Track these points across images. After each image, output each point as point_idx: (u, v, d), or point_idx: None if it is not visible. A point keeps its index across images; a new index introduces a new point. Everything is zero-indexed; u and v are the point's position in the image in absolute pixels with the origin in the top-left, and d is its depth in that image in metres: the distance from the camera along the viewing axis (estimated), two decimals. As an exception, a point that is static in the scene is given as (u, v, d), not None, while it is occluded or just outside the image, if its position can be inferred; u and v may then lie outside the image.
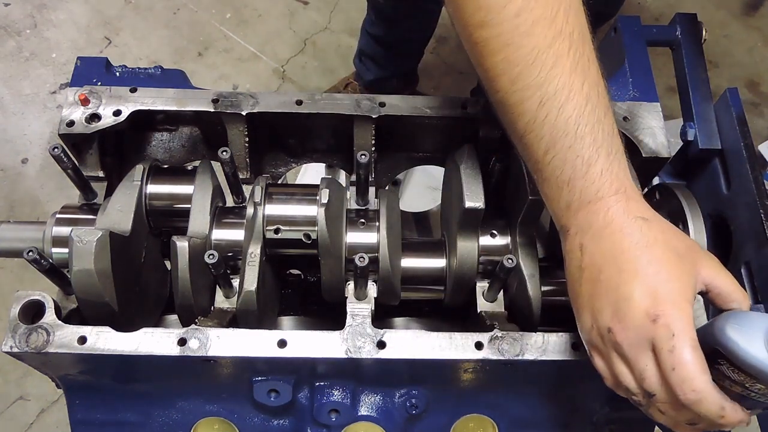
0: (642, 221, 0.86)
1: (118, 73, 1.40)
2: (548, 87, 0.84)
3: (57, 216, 1.23)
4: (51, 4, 3.35)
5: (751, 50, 3.44)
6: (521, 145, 0.92)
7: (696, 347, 0.83)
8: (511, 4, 0.83)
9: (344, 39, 3.33)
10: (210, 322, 1.14)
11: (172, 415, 1.23)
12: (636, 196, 0.89)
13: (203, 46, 3.29)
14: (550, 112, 0.85)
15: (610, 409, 1.25)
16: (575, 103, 0.84)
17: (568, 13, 0.86)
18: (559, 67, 0.84)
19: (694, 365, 0.82)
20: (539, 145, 0.88)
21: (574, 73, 0.84)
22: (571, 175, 0.86)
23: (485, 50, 0.88)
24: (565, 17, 0.85)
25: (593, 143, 0.85)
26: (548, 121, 0.85)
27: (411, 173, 2.14)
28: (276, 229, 1.19)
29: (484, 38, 0.87)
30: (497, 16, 0.84)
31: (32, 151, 2.97)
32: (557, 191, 0.89)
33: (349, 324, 1.09)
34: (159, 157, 1.43)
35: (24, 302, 1.06)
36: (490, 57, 0.88)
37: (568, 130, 0.85)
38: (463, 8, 0.88)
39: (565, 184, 0.87)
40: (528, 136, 0.89)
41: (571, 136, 0.85)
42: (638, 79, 1.43)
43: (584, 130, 0.84)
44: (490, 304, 1.22)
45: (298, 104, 1.30)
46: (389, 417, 1.19)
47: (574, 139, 0.85)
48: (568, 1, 0.86)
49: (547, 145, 0.87)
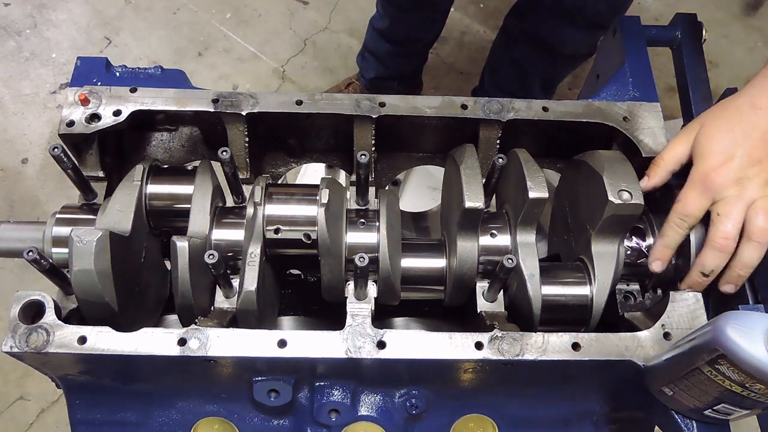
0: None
1: (118, 73, 1.40)
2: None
3: (57, 216, 1.23)
4: (51, 4, 3.35)
5: (751, 50, 3.44)
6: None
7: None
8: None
9: (344, 39, 3.33)
10: (210, 322, 1.14)
11: (172, 415, 1.23)
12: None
13: (203, 46, 3.29)
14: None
15: (611, 410, 1.25)
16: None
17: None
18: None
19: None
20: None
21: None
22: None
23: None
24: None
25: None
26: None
27: (411, 173, 2.14)
28: (276, 229, 1.19)
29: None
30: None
31: (32, 151, 2.97)
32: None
33: (349, 324, 1.09)
34: (159, 157, 1.43)
35: (24, 302, 1.06)
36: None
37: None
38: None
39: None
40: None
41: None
42: (638, 79, 1.43)
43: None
44: (490, 304, 1.22)
45: (298, 104, 1.30)
46: (389, 417, 1.19)
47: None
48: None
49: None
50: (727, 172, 1.12)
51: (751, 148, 1.11)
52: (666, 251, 1.19)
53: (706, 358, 0.93)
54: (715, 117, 1.18)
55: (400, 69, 2.77)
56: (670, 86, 2.84)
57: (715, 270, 1.13)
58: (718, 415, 1.03)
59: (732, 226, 1.11)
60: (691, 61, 1.55)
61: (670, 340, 1.08)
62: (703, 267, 1.13)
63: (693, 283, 1.16)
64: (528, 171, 1.16)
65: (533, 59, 2.34)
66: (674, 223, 1.17)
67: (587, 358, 1.06)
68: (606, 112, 1.33)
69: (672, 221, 1.17)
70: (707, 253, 1.13)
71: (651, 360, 1.06)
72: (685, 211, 1.15)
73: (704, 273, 1.14)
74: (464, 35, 3.33)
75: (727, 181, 1.12)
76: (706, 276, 1.14)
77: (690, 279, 1.16)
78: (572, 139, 1.37)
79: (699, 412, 1.05)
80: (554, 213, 1.42)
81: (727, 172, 1.12)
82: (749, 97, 1.15)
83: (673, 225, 1.17)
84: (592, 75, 1.71)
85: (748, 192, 1.11)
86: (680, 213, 1.16)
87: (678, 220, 1.16)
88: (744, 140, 1.12)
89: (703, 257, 1.14)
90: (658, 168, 1.22)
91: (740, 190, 1.11)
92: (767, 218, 1.09)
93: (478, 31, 3.35)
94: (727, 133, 1.14)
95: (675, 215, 1.17)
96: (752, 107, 1.14)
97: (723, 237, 1.11)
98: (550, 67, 2.38)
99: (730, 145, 1.13)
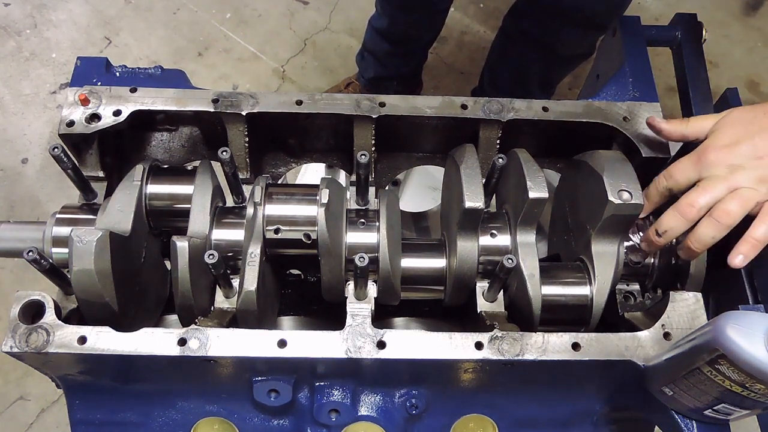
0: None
1: (118, 73, 1.40)
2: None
3: (57, 216, 1.23)
4: (51, 4, 3.35)
5: (751, 50, 3.44)
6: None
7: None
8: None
9: (344, 39, 3.33)
10: (210, 322, 1.14)
11: (172, 415, 1.23)
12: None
13: (203, 46, 3.29)
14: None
15: (611, 410, 1.25)
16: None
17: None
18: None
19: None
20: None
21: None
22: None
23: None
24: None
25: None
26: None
27: (411, 173, 2.14)
28: (276, 229, 1.19)
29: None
30: None
31: (32, 151, 2.97)
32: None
33: (349, 324, 1.09)
34: (159, 157, 1.43)
35: (24, 302, 1.06)
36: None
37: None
38: None
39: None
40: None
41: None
42: (638, 79, 1.43)
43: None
44: (490, 304, 1.22)
45: (298, 104, 1.30)
46: (389, 417, 1.19)
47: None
48: None
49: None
50: (725, 155, 1.13)
51: (760, 143, 1.12)
52: (645, 206, 1.20)
53: (706, 358, 0.93)
54: (743, 110, 1.19)
55: (399, 69, 2.77)
56: (670, 86, 2.83)
57: (668, 232, 1.15)
58: (718, 415, 1.03)
59: (703, 199, 1.12)
60: (691, 61, 1.55)
61: (670, 340, 1.08)
62: (659, 224, 1.16)
63: (647, 239, 1.20)
64: (528, 171, 1.16)
65: (532, 59, 2.34)
66: (657, 180, 1.20)
67: (587, 358, 1.06)
68: (606, 112, 1.33)
69: (656, 178, 1.20)
70: (668, 213, 1.15)
71: (651, 360, 1.06)
72: (670, 171, 1.18)
73: (658, 231, 1.16)
74: (464, 35, 3.33)
75: (720, 162, 1.13)
76: (659, 236, 1.16)
77: (646, 235, 1.21)
78: (572, 139, 1.37)
79: (699, 412, 1.05)
80: (554, 213, 1.42)
81: (726, 155, 1.13)
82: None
83: (655, 181, 1.20)
84: (592, 75, 1.71)
85: (736, 178, 1.11)
86: (666, 172, 1.18)
87: (662, 177, 1.19)
88: (756, 134, 1.13)
89: (663, 216, 1.16)
90: (681, 124, 1.24)
91: (729, 173, 1.12)
92: (740, 205, 1.10)
93: (478, 31, 3.35)
94: (745, 125, 1.15)
95: (661, 174, 1.19)
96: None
97: (689, 203, 1.12)
98: (549, 67, 2.38)
99: (742, 134, 1.14)
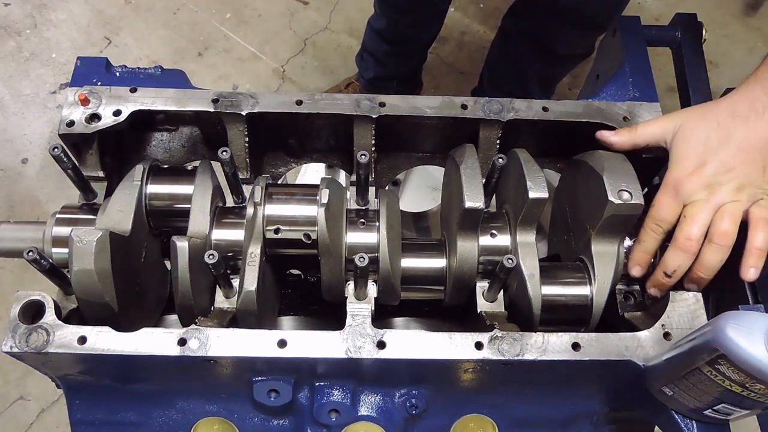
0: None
1: (118, 73, 1.40)
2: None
3: (57, 216, 1.23)
4: (51, 4, 3.35)
5: (751, 50, 3.44)
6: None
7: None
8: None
9: (344, 39, 3.33)
10: (210, 322, 1.14)
11: (172, 415, 1.23)
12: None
13: (203, 46, 3.29)
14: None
15: (611, 410, 1.25)
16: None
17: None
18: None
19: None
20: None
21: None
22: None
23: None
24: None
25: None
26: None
27: (411, 173, 2.14)
28: (276, 229, 1.19)
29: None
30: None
31: (32, 151, 2.97)
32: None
33: (349, 324, 1.09)
34: (159, 157, 1.43)
35: (24, 302, 1.06)
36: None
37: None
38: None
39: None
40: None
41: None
42: (638, 79, 1.43)
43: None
44: (490, 304, 1.22)
45: (298, 104, 1.30)
46: (389, 417, 1.19)
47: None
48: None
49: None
50: (698, 179, 1.13)
51: (725, 156, 1.12)
52: (644, 256, 1.20)
53: (706, 358, 0.93)
54: (694, 119, 1.18)
55: (398, 69, 2.77)
56: (670, 86, 2.84)
57: (677, 270, 1.14)
58: (718, 415, 1.03)
59: (696, 228, 1.11)
60: (691, 61, 1.55)
61: (670, 340, 1.08)
62: (665, 267, 1.15)
63: (657, 283, 1.18)
64: (528, 171, 1.16)
65: (531, 59, 2.34)
66: (650, 228, 1.18)
67: (587, 358, 1.06)
68: (606, 112, 1.33)
69: (647, 226, 1.18)
70: (670, 253, 1.14)
71: (651, 360, 1.06)
72: (659, 216, 1.17)
73: (667, 273, 1.15)
74: (464, 35, 3.33)
75: (697, 187, 1.13)
76: (669, 276, 1.15)
77: (654, 278, 1.18)
78: (572, 139, 1.37)
79: (699, 412, 1.05)
80: (554, 213, 1.42)
81: (699, 178, 1.13)
82: (731, 103, 1.16)
83: (648, 230, 1.18)
84: (592, 75, 1.71)
85: (717, 196, 1.11)
86: (654, 218, 1.17)
87: (653, 225, 1.17)
88: (719, 148, 1.13)
89: (666, 257, 1.15)
90: (629, 134, 1.25)
91: (709, 194, 1.12)
92: (731, 221, 1.10)
93: (478, 31, 3.35)
94: (703, 139, 1.15)
95: (650, 220, 1.18)
96: (731, 115, 1.14)
97: (686, 238, 1.12)
98: (548, 67, 2.38)
99: (705, 152, 1.14)
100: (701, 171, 1.13)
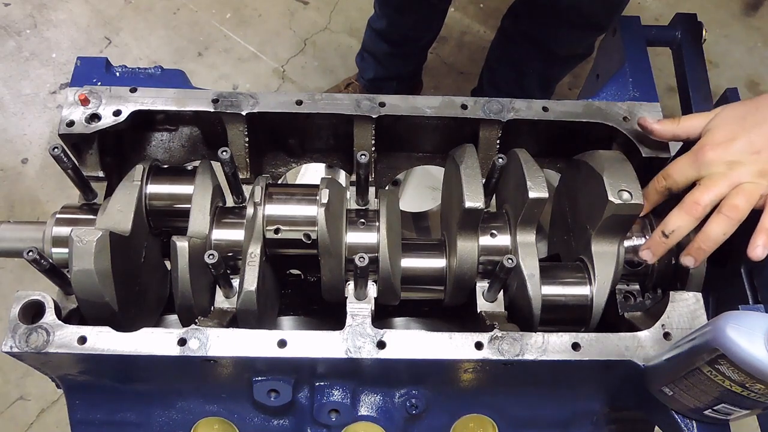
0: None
1: (118, 73, 1.40)
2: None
3: (57, 216, 1.23)
4: (51, 4, 3.35)
5: (751, 50, 3.44)
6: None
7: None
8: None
9: (344, 39, 3.33)
10: (210, 322, 1.14)
11: (172, 415, 1.23)
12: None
13: (203, 46, 3.29)
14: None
15: (611, 410, 1.25)
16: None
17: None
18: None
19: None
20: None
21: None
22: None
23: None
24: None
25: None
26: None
27: (411, 173, 2.14)
28: (276, 229, 1.19)
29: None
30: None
31: (32, 151, 2.97)
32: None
33: (349, 324, 1.09)
34: (159, 157, 1.43)
35: (24, 302, 1.06)
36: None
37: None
38: None
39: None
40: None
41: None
42: (638, 79, 1.43)
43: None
44: (490, 304, 1.22)
45: (298, 104, 1.30)
46: (389, 417, 1.19)
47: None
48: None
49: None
50: (723, 152, 1.12)
51: (755, 137, 1.12)
52: (645, 206, 1.18)
53: (706, 358, 0.93)
54: (735, 106, 1.19)
55: (398, 69, 2.77)
56: (670, 86, 2.84)
57: (676, 231, 1.13)
58: (718, 415, 1.03)
59: (708, 196, 1.11)
60: (691, 61, 1.55)
61: (670, 340, 1.08)
62: (665, 225, 1.14)
63: (653, 243, 1.17)
64: (528, 171, 1.16)
65: (530, 59, 2.34)
66: (655, 179, 1.18)
67: (587, 358, 1.06)
68: (606, 112, 1.33)
69: (654, 179, 1.19)
70: (673, 213, 1.13)
71: (651, 360, 1.06)
72: (668, 171, 1.17)
73: (665, 232, 1.14)
74: (464, 35, 3.33)
75: (718, 160, 1.12)
76: (666, 236, 1.14)
77: (651, 239, 1.17)
78: (572, 139, 1.37)
79: (699, 412, 1.05)
80: (554, 213, 1.42)
81: (724, 152, 1.12)
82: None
83: (653, 181, 1.19)
84: (592, 75, 1.71)
85: (737, 174, 1.11)
86: (664, 172, 1.17)
87: (659, 176, 1.18)
88: (752, 128, 1.12)
89: (668, 217, 1.14)
90: (672, 124, 1.23)
91: (729, 170, 1.11)
92: (746, 200, 1.09)
93: (478, 31, 3.35)
94: (739, 117, 1.15)
95: (659, 174, 1.18)
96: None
97: (694, 201, 1.11)
98: (547, 67, 2.38)
99: (737, 129, 1.13)
100: (728, 145, 1.12)
